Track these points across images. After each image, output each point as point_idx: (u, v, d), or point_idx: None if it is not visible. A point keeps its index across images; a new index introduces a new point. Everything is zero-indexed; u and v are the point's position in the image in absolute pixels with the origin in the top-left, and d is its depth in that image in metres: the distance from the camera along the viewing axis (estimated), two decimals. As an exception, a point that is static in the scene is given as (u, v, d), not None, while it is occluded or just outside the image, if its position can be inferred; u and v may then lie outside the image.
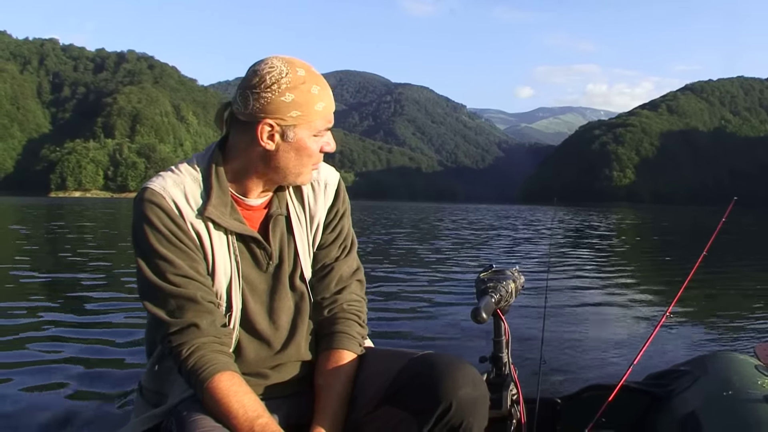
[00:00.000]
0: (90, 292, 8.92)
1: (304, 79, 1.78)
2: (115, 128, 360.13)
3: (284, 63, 1.78)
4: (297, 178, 1.88)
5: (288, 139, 1.79)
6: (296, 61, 1.82)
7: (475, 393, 1.79)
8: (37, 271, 11.54)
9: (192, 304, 1.77)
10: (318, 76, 1.82)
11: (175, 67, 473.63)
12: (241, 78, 1.82)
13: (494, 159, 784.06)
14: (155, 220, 1.77)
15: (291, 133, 1.79)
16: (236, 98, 1.80)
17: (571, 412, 2.74)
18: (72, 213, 46.67)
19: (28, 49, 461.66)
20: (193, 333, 1.77)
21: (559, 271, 12.52)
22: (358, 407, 1.90)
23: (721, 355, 2.87)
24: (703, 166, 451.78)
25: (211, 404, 1.72)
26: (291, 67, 1.78)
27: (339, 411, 1.87)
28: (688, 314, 7.78)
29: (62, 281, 10.32)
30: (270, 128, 1.77)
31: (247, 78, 1.78)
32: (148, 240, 1.77)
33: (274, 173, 1.86)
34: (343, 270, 2.04)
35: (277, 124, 1.77)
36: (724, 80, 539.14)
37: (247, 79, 1.78)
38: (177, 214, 1.79)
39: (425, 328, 6.91)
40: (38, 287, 9.70)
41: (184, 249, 1.79)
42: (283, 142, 1.80)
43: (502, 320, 2.36)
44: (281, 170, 1.85)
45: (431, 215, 57.22)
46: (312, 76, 1.80)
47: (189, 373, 1.76)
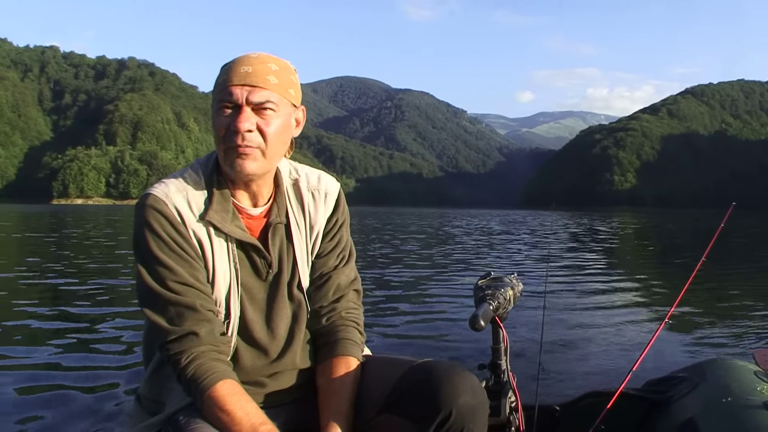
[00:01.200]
0: (87, 300, 8.89)
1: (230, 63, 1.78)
2: (116, 135, 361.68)
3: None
4: (227, 168, 1.81)
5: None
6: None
7: (475, 400, 1.79)
8: (39, 276, 11.53)
9: (191, 312, 1.76)
10: (246, 56, 1.79)
11: (175, 74, 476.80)
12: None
13: (495, 164, 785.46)
14: (157, 226, 1.75)
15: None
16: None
17: (570, 419, 2.74)
18: (75, 219, 46.66)
19: (28, 56, 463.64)
20: (191, 341, 1.75)
21: (558, 276, 12.51)
22: (359, 415, 1.89)
23: (719, 362, 2.86)
24: (704, 170, 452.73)
25: (213, 413, 1.71)
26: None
27: (350, 414, 1.86)
28: (687, 320, 7.77)
29: (63, 287, 10.30)
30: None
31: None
32: (149, 246, 1.75)
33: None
34: (341, 279, 2.03)
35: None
36: (725, 83, 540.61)
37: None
38: (179, 221, 1.77)
39: (424, 335, 6.90)
40: (38, 292, 9.67)
41: (185, 256, 1.77)
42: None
43: (501, 327, 2.36)
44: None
45: (434, 220, 57.11)
46: (238, 58, 1.78)
47: (188, 382, 1.74)
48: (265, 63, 1.78)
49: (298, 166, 2.06)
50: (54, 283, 10.82)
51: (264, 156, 1.79)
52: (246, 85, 1.74)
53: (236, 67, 1.75)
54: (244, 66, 1.76)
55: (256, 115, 1.75)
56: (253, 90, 1.74)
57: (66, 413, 4.15)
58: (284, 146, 1.88)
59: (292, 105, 1.86)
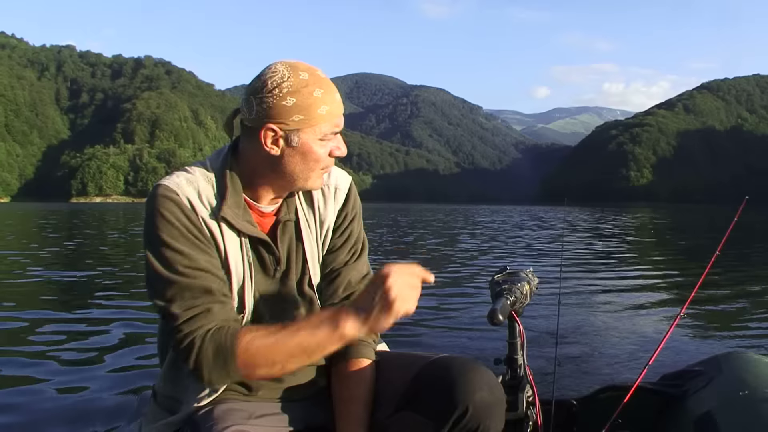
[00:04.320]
0: (104, 292, 9.01)
1: (307, 83, 1.74)
2: (134, 134, 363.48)
3: (287, 67, 1.75)
4: (306, 183, 1.84)
5: (292, 144, 1.77)
6: (300, 64, 1.79)
7: (492, 397, 1.78)
8: (57, 270, 11.65)
9: (206, 295, 1.73)
10: (323, 79, 1.78)
11: (192, 72, 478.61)
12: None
13: (511, 160, 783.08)
14: (168, 214, 1.73)
15: (295, 137, 1.76)
16: (242, 104, 1.79)
17: (587, 413, 2.74)
18: (93, 217, 46.92)
19: (45, 56, 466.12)
20: (204, 318, 1.71)
21: (573, 271, 12.50)
22: (376, 412, 1.89)
23: (735, 355, 2.84)
24: (720, 165, 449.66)
25: (256, 356, 1.67)
26: (293, 71, 1.75)
27: (365, 418, 1.86)
28: (703, 313, 7.79)
29: (79, 281, 10.47)
30: (273, 133, 1.75)
31: (252, 83, 1.78)
32: (161, 234, 1.73)
33: (282, 179, 1.84)
34: (351, 275, 2.01)
35: (280, 128, 1.74)
36: (740, 78, 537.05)
37: (252, 84, 1.77)
38: (191, 210, 1.76)
39: (439, 329, 6.92)
40: (57, 288, 9.81)
41: (198, 243, 1.76)
42: (288, 147, 1.77)
43: (517, 322, 2.36)
44: (288, 175, 1.82)
45: (449, 216, 57.10)
46: (315, 79, 1.76)
47: (213, 357, 1.68)
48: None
49: None
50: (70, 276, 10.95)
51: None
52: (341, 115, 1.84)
53: (335, 95, 1.79)
54: (337, 94, 1.80)
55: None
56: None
57: (79, 409, 4.15)
58: None
59: None
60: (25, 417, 4.03)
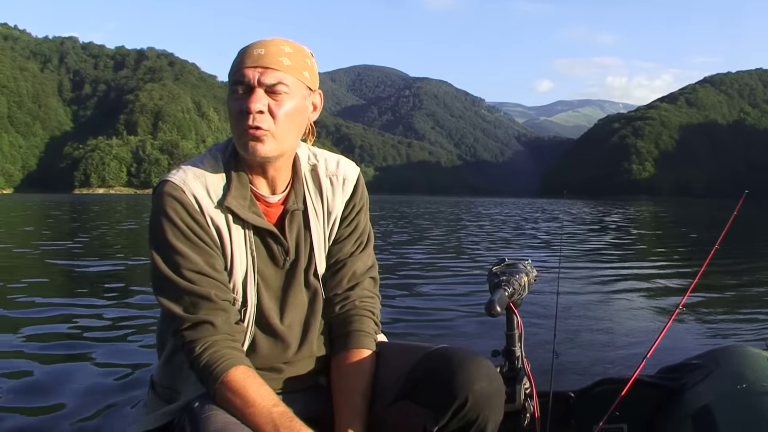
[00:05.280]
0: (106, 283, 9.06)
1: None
2: (137, 125, 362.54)
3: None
4: (241, 151, 1.80)
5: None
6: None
7: (491, 387, 1.78)
8: (62, 259, 11.72)
9: (206, 302, 1.74)
10: (261, 40, 1.79)
11: (194, 64, 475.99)
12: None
13: (513, 153, 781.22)
14: (173, 214, 1.73)
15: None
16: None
17: (585, 405, 2.75)
18: (99, 208, 46.99)
19: (48, 47, 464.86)
20: (206, 330, 1.74)
21: (572, 263, 12.56)
22: (375, 403, 1.88)
23: (733, 349, 2.86)
24: (722, 159, 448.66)
25: (226, 397, 1.70)
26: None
27: (364, 409, 1.85)
28: (701, 307, 7.78)
29: (84, 271, 10.52)
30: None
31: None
32: (165, 234, 1.74)
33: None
34: (356, 266, 2.01)
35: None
36: (743, 72, 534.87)
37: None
38: (196, 209, 1.76)
39: (437, 320, 6.95)
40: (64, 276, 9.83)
41: (201, 245, 1.76)
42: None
43: (515, 314, 2.36)
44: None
45: (449, 209, 57.10)
46: (254, 42, 1.78)
47: (202, 369, 1.73)
48: (278, 45, 1.77)
49: (318, 152, 2.05)
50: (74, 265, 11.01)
51: (275, 137, 1.77)
52: (258, 67, 1.73)
53: (250, 50, 1.75)
54: (257, 48, 1.75)
55: (268, 96, 1.74)
56: (266, 71, 1.73)
57: (79, 397, 4.14)
58: (298, 129, 1.85)
59: (308, 88, 1.83)
60: (49, 399, 4.07)
